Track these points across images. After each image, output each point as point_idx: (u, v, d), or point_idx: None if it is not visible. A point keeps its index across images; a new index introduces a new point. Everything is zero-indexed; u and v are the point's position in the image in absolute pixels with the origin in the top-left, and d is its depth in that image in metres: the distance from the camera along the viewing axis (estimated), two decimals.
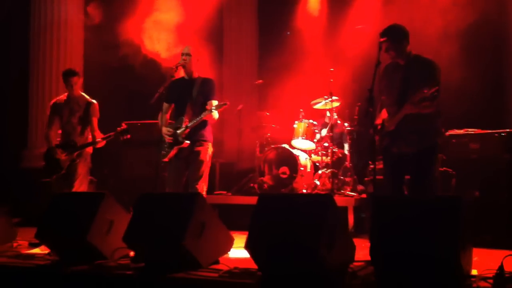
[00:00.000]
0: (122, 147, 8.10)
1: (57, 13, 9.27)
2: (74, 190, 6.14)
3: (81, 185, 6.22)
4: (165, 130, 5.72)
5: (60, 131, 6.37)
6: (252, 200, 5.66)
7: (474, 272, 3.80)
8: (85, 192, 6.18)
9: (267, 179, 7.69)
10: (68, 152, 6.15)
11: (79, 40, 9.45)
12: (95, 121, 6.29)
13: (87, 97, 6.41)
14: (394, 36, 4.95)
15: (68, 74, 6.29)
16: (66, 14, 9.23)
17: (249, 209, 5.51)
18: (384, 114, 5.17)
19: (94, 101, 6.38)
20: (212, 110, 5.60)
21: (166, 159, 5.72)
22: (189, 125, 5.64)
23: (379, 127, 5.09)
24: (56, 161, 6.18)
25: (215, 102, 5.72)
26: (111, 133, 6.21)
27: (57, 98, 6.53)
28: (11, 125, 9.87)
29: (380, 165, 5.48)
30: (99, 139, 6.18)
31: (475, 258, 3.87)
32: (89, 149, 6.32)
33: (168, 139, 5.70)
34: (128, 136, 6.22)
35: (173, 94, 5.86)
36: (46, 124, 6.44)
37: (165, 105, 5.88)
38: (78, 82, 6.33)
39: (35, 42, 9.46)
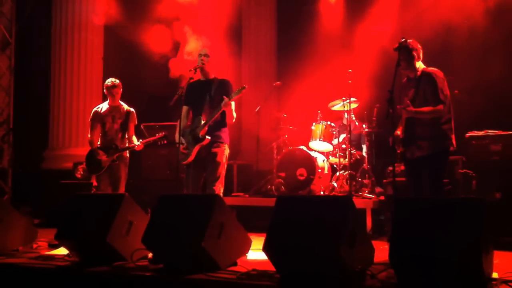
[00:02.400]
0: (143, 147, 8.16)
1: (77, 15, 9.37)
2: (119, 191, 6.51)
3: (122, 188, 6.62)
4: (177, 137, 5.75)
5: (100, 136, 6.75)
6: (270, 202, 5.66)
7: (495, 275, 3.75)
8: (104, 193, 6.32)
9: (284, 181, 7.68)
10: (109, 154, 6.53)
11: (99, 42, 9.54)
12: (132, 127, 6.78)
13: (126, 106, 6.79)
14: (405, 50, 5.15)
15: (111, 87, 6.69)
16: (86, 16, 9.33)
17: (267, 210, 5.52)
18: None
19: (132, 109, 6.81)
20: (231, 97, 5.58)
21: (186, 162, 5.73)
22: (207, 120, 5.65)
23: (400, 136, 5.30)
24: (97, 161, 6.55)
25: (232, 103, 5.72)
26: (151, 138, 6.67)
27: (98, 106, 6.89)
28: (33, 126, 9.98)
29: (398, 167, 5.55)
30: (139, 143, 6.57)
31: (496, 261, 3.83)
32: (127, 154, 6.72)
33: (183, 150, 5.71)
34: (165, 141, 6.64)
35: (191, 96, 5.88)
36: (89, 130, 6.83)
37: (184, 108, 5.89)
38: (119, 92, 6.73)
39: (56, 44, 9.59)
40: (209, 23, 8.48)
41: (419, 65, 5.26)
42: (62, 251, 5.04)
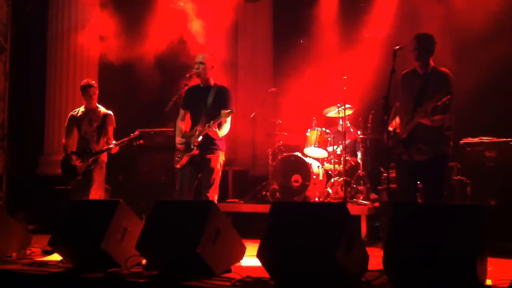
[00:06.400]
0: (139, 153, 8.19)
1: (73, 21, 9.35)
2: (90, 196, 6.30)
3: (97, 191, 6.38)
4: (178, 140, 5.76)
5: (77, 140, 6.60)
6: (265, 208, 5.65)
7: (488, 282, 3.76)
8: (99, 199, 6.27)
9: (279, 187, 7.68)
10: (83, 159, 6.35)
11: (95, 47, 9.52)
12: (111, 130, 6.55)
13: (104, 109, 6.64)
14: (424, 40, 5.08)
15: (87, 86, 6.56)
16: (82, 22, 9.32)
17: (262, 217, 5.52)
18: (397, 120, 5.23)
19: (110, 112, 6.63)
20: (217, 120, 5.54)
21: (178, 166, 5.75)
22: (196, 134, 5.65)
23: (391, 133, 5.14)
24: (72, 167, 6.39)
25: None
26: (125, 139, 6.45)
27: (74, 110, 6.79)
28: (28, 131, 9.95)
29: (393, 174, 5.50)
30: (113, 145, 6.36)
31: (490, 268, 3.83)
32: (104, 158, 6.52)
33: (179, 147, 5.73)
34: (141, 141, 6.48)
35: (189, 101, 5.90)
36: (64, 134, 6.70)
37: (181, 111, 5.93)
38: (96, 92, 6.58)
39: (51, 49, 9.57)
40: (205, 29, 8.50)
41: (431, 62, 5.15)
42: (56, 257, 5.02)
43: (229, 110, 5.56)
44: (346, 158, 7.52)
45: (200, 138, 5.61)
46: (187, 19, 8.61)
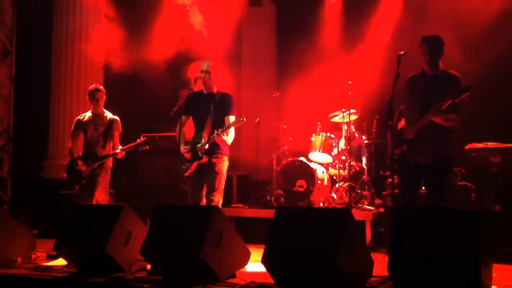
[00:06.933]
0: (141, 156, 8.21)
1: (78, 25, 9.37)
2: (94, 199, 6.33)
3: (101, 194, 6.40)
4: (183, 148, 5.77)
5: (83, 144, 6.63)
6: (269, 213, 5.65)
7: None
8: (103, 204, 6.28)
9: (284, 192, 7.66)
10: (89, 163, 6.37)
11: (99, 51, 9.54)
12: (117, 135, 6.58)
13: (110, 114, 6.67)
14: (433, 41, 5.07)
15: (94, 91, 6.61)
16: (87, 25, 9.34)
17: (266, 222, 5.51)
18: (402, 123, 5.21)
19: (116, 117, 6.66)
20: (224, 128, 5.60)
21: (187, 174, 5.76)
22: (203, 142, 5.66)
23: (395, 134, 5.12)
24: (77, 172, 6.41)
25: (232, 118, 5.72)
26: (131, 144, 6.49)
27: (81, 115, 6.82)
28: (32, 135, 9.97)
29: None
30: (119, 150, 6.40)
31: (495, 274, 3.82)
32: (110, 163, 6.55)
33: (187, 155, 5.74)
34: (147, 147, 6.54)
35: (192, 107, 5.91)
36: (70, 139, 6.73)
37: (183, 117, 5.94)
38: (103, 97, 6.61)
39: (56, 53, 9.58)
40: (209, 34, 8.52)
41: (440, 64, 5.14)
42: (61, 262, 5.03)
43: (239, 119, 5.63)
44: (351, 163, 7.50)
45: (207, 145, 5.65)
46: (192, 24, 8.64)
